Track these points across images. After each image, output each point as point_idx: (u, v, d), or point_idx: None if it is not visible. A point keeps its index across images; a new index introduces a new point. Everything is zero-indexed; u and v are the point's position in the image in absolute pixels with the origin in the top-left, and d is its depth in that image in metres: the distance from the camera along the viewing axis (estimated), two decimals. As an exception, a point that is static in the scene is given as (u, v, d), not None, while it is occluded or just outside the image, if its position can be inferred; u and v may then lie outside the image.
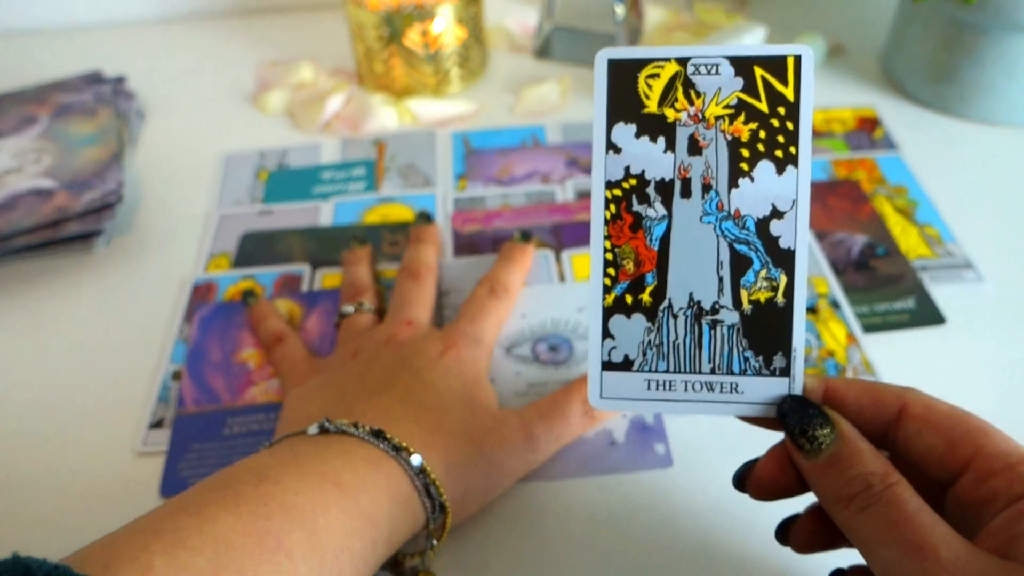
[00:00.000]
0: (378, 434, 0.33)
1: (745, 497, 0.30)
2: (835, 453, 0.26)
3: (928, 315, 0.46)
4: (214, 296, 0.49)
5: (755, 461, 0.29)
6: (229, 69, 0.68)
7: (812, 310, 0.46)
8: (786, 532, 0.31)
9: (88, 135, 0.57)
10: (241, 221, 0.54)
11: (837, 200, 0.53)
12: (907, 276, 0.48)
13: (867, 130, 0.59)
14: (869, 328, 0.45)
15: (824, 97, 0.62)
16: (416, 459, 0.33)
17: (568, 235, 0.51)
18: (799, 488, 0.28)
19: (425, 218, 0.51)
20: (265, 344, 0.45)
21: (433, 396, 0.37)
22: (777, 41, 0.66)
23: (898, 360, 0.44)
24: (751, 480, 0.29)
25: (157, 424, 0.42)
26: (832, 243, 0.50)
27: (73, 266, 0.51)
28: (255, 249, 0.52)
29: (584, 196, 0.54)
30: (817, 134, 0.59)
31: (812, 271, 0.48)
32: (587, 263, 0.49)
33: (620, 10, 0.63)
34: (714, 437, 0.40)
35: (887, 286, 0.47)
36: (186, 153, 0.60)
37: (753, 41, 0.64)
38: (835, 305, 0.46)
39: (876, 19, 0.69)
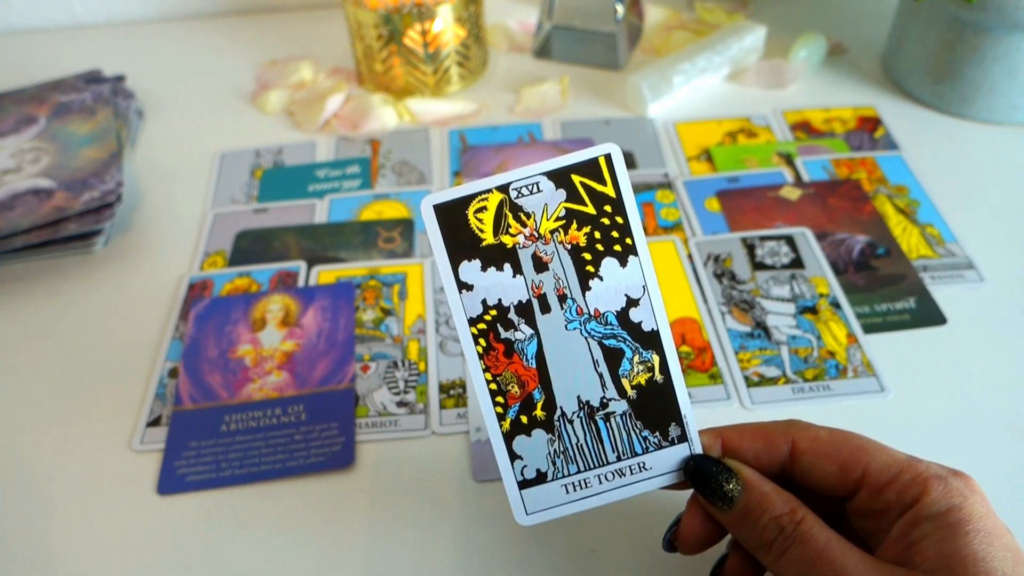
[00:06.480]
0: None
1: None
2: (745, 503, 0.28)
3: (929, 315, 0.46)
4: (210, 294, 0.48)
5: (677, 522, 0.31)
6: (228, 68, 0.68)
7: (812, 310, 0.46)
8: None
9: (87, 135, 0.57)
10: (236, 219, 0.54)
11: (838, 200, 0.53)
12: (908, 276, 0.48)
13: (868, 130, 0.59)
14: (870, 328, 0.45)
15: (824, 97, 0.62)
16: None
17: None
18: (722, 534, 0.30)
19: None
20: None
21: None
22: (778, 40, 0.66)
23: (899, 360, 0.43)
24: (679, 540, 0.31)
25: (154, 422, 0.42)
26: (833, 243, 0.50)
27: (72, 266, 0.51)
28: (250, 247, 0.52)
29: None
30: (817, 133, 0.59)
31: (813, 271, 0.48)
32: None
33: (620, 9, 0.63)
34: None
35: (888, 286, 0.47)
36: (185, 153, 0.60)
37: (754, 40, 0.64)
38: (835, 305, 0.46)
39: (877, 18, 0.69)
